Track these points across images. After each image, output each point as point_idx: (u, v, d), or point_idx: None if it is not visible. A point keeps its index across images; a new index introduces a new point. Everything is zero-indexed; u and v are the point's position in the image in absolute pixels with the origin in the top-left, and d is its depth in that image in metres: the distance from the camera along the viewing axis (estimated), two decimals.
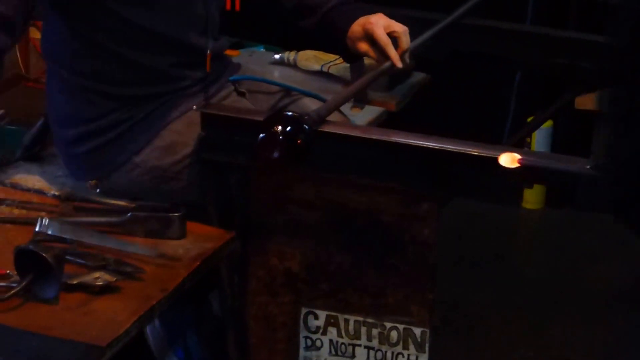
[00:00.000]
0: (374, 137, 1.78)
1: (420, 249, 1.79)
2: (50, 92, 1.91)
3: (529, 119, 3.39)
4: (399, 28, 1.93)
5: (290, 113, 1.66)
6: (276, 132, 1.61)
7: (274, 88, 2.05)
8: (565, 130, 3.44)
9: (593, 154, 3.31)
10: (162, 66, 1.86)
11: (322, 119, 1.74)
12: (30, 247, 1.56)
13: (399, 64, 1.93)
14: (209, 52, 1.88)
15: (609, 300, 2.92)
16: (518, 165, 1.50)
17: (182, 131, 1.87)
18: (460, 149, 1.71)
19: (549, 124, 3.28)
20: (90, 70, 1.83)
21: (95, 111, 1.85)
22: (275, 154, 1.60)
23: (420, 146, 1.73)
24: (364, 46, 1.95)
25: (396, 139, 1.76)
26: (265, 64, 2.57)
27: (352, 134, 1.78)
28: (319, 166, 1.77)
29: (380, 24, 1.92)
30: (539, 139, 3.37)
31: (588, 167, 1.61)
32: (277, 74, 2.50)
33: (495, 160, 1.67)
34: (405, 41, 1.94)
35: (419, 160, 1.74)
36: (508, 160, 1.50)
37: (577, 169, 1.62)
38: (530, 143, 3.30)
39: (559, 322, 2.78)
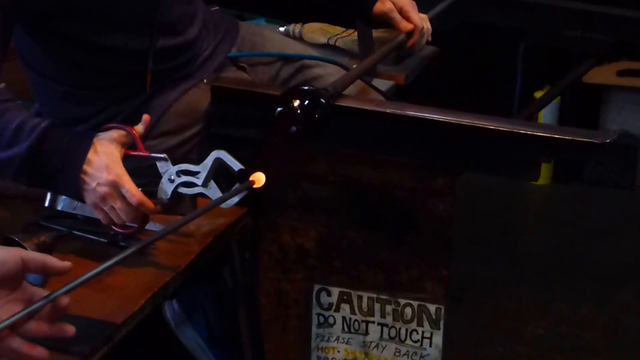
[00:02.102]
0: (388, 111, 1.76)
1: (436, 224, 1.78)
2: (40, 99, 1.87)
3: (536, 93, 3.39)
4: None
5: (307, 87, 1.64)
6: (293, 106, 1.58)
7: (274, 59, 2.02)
8: (573, 104, 3.44)
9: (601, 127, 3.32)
10: (132, 70, 1.79)
11: (338, 92, 1.72)
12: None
13: (415, 48, 2.01)
14: (148, 72, 1.78)
15: (618, 276, 2.92)
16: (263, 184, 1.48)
17: (185, 113, 1.85)
18: (477, 123, 1.69)
19: (556, 97, 3.27)
20: (68, 79, 1.79)
21: (90, 110, 1.81)
22: (293, 129, 1.58)
23: (436, 120, 1.71)
24: (388, 4, 1.97)
25: (411, 112, 1.74)
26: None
27: (368, 108, 1.76)
28: (332, 141, 1.75)
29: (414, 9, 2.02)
30: (546, 112, 3.37)
31: (608, 140, 1.60)
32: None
33: (513, 134, 1.66)
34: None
35: (435, 134, 1.72)
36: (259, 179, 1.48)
37: (597, 141, 1.60)
38: (537, 117, 3.29)
39: (568, 298, 2.79)
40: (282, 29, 2.57)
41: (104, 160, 1.53)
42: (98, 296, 1.49)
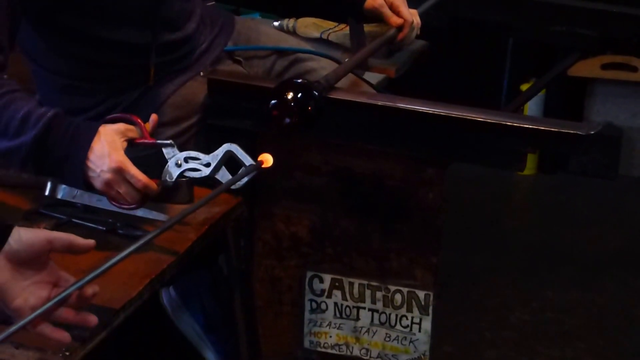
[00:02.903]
0: (379, 103, 1.80)
1: (425, 213, 1.82)
2: (40, 90, 1.89)
3: (522, 86, 3.43)
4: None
5: (300, 80, 1.67)
6: (287, 98, 1.62)
7: (269, 52, 2.06)
8: (558, 96, 3.48)
9: (586, 119, 3.36)
10: (134, 63, 1.83)
11: (331, 85, 1.75)
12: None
13: (405, 42, 2.06)
14: (152, 67, 1.82)
15: (601, 264, 2.97)
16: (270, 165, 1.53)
17: (181, 105, 1.88)
18: (465, 115, 1.73)
19: (542, 90, 3.31)
20: (69, 72, 1.82)
21: (90, 101, 1.84)
22: (287, 120, 1.62)
23: (426, 112, 1.75)
24: (379, 0, 2.01)
25: (402, 105, 1.77)
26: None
27: (360, 101, 1.80)
28: (326, 132, 1.78)
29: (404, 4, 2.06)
30: (532, 105, 3.41)
31: (593, 132, 1.64)
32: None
33: (500, 126, 1.70)
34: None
35: (425, 126, 1.76)
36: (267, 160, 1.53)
37: (583, 132, 1.65)
38: (523, 109, 3.34)
39: (553, 285, 2.83)
40: (276, 23, 2.59)
41: (106, 148, 1.57)
42: (97, 282, 1.51)
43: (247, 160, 1.53)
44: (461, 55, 3.39)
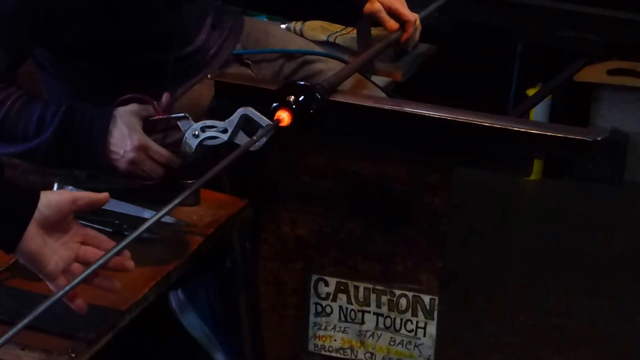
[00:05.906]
0: (386, 107, 1.80)
1: (431, 217, 1.82)
2: (49, 95, 1.90)
3: (528, 91, 3.43)
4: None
5: (302, 82, 1.68)
6: (289, 101, 1.62)
7: (277, 55, 2.06)
8: (564, 101, 3.48)
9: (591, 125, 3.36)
10: (147, 75, 1.84)
11: (333, 88, 1.76)
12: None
13: (410, 43, 2.06)
14: (167, 84, 1.82)
15: (606, 269, 2.97)
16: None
17: (188, 107, 1.88)
18: (472, 120, 1.73)
19: (548, 95, 3.31)
20: (80, 81, 1.83)
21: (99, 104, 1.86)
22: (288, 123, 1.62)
23: (432, 116, 1.75)
24: (377, 5, 2.01)
25: (408, 109, 1.78)
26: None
27: (363, 104, 1.80)
28: (331, 135, 1.79)
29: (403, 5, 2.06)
30: (538, 110, 3.41)
31: (600, 138, 1.64)
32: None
33: (507, 131, 1.71)
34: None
35: (431, 130, 1.76)
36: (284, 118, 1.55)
37: (589, 138, 1.65)
38: (529, 114, 3.34)
39: (558, 290, 2.83)
40: (283, 26, 2.60)
41: (125, 130, 1.63)
42: None
43: (264, 121, 1.54)
44: (468, 59, 3.40)
